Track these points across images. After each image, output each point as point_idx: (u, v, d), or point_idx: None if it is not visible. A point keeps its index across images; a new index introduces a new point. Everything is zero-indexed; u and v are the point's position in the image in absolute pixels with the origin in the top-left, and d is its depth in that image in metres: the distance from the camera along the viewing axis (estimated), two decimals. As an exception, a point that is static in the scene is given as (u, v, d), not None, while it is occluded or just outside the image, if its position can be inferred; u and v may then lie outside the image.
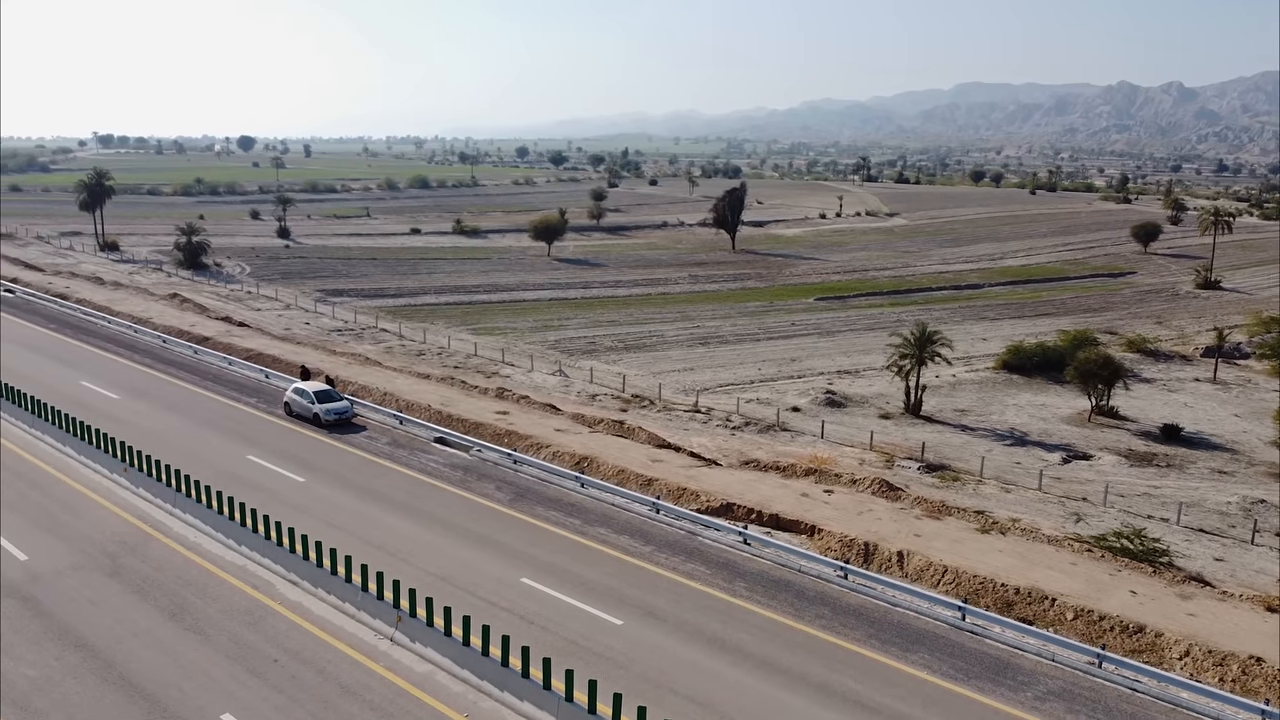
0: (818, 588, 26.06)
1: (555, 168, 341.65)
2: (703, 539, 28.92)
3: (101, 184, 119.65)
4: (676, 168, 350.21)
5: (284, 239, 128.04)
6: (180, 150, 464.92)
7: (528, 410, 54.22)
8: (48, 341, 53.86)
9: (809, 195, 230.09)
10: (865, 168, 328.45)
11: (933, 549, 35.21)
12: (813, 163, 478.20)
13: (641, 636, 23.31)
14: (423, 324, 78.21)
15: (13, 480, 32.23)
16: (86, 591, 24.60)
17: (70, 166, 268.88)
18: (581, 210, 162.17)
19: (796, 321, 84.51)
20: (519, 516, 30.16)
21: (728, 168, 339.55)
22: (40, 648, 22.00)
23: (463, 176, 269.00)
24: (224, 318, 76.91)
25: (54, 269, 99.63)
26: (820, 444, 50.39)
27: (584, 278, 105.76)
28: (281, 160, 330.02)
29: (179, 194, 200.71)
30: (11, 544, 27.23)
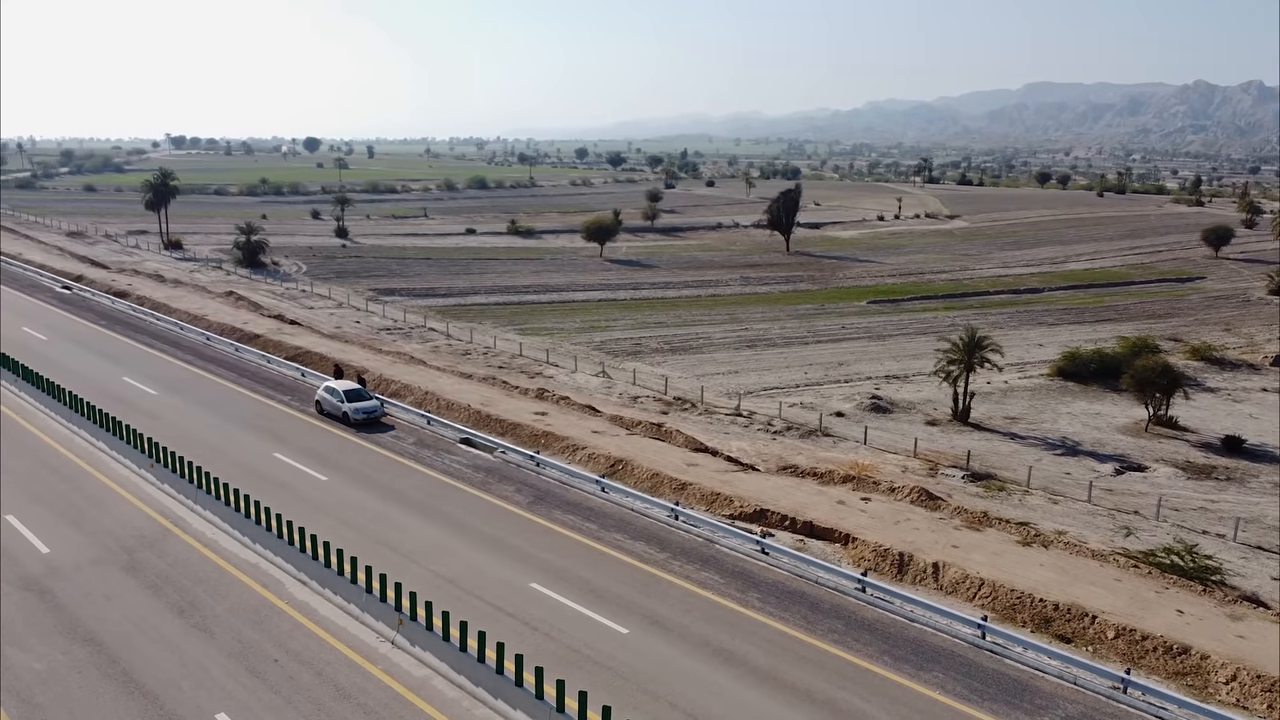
0: (833, 600, 25.25)
1: (613, 169, 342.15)
2: (720, 547, 28.28)
3: (166, 184, 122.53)
4: (735, 169, 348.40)
5: (341, 238, 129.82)
6: (248, 151, 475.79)
7: (566, 411, 53.98)
8: (97, 338, 55.05)
9: (868, 197, 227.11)
10: (927, 169, 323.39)
11: (970, 561, 34.13)
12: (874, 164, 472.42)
13: (646, 646, 22.79)
14: (471, 324, 78.49)
15: (46, 474, 32.86)
16: (101, 586, 24.88)
17: (143, 167, 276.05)
18: (637, 211, 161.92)
19: (847, 325, 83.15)
20: (535, 520, 29.81)
21: (787, 169, 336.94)
22: (50, 641, 22.27)
23: (521, 177, 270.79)
24: (276, 315, 78.02)
25: (119, 266, 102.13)
26: (862, 450, 49.34)
27: (634, 279, 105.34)
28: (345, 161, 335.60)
29: (244, 194, 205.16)
30: (36, 537, 27.69)
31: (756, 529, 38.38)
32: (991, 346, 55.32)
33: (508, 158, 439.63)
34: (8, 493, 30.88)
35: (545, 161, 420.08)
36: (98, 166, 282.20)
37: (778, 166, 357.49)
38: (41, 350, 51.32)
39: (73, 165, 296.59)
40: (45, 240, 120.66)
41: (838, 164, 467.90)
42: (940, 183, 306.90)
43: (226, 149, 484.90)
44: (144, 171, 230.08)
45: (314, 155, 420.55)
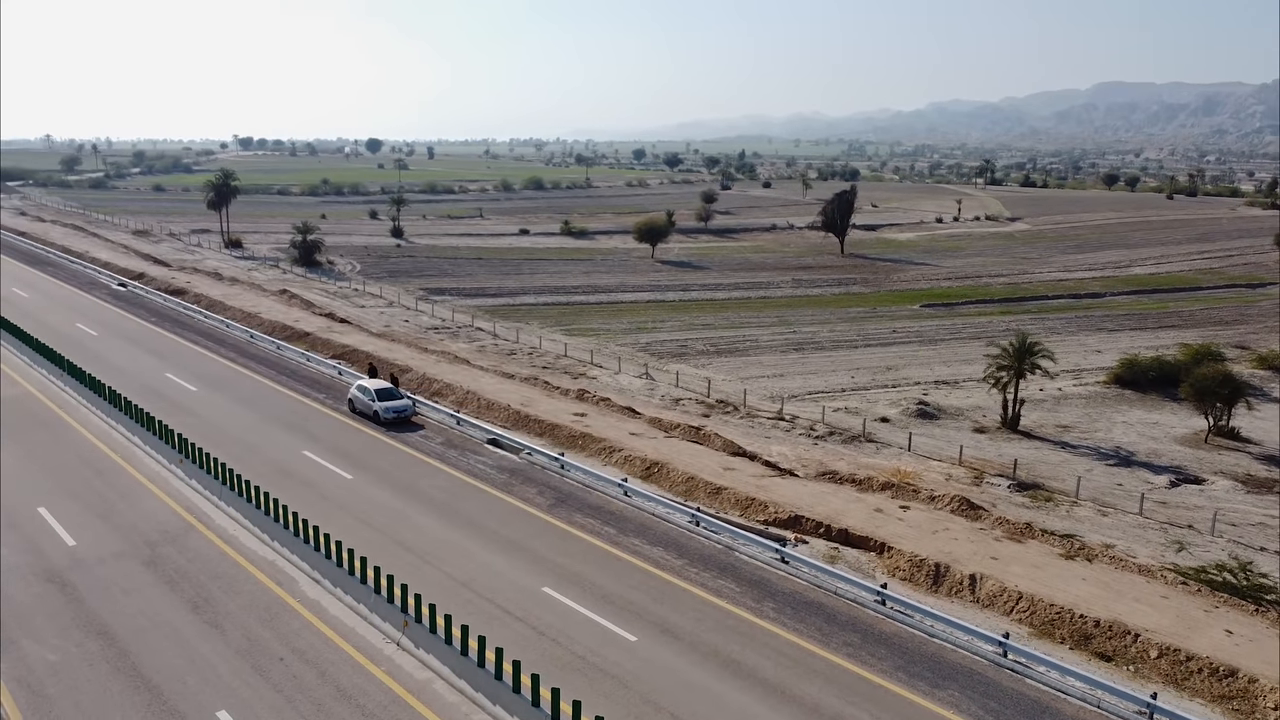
0: (851, 612, 24.50)
1: (669, 170, 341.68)
2: (740, 554, 27.69)
3: (227, 184, 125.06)
4: (793, 170, 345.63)
5: (397, 238, 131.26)
6: (312, 152, 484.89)
7: (606, 413, 53.68)
8: (146, 334, 56.18)
9: (927, 199, 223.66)
10: (989, 170, 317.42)
11: (1009, 574, 33.07)
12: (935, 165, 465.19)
13: (653, 655, 22.32)
14: (518, 324, 78.65)
15: (81, 468, 33.47)
16: (121, 580, 25.17)
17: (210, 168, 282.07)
18: (691, 212, 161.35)
19: (898, 329, 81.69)
20: (554, 523, 29.51)
21: (845, 170, 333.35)
22: (65, 634, 22.58)
23: (577, 178, 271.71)
24: (327, 314, 79.00)
25: (179, 264, 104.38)
26: (906, 457, 48.30)
27: (684, 280, 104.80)
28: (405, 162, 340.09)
29: (306, 194, 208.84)
30: (64, 529, 28.17)
31: (790, 535, 37.70)
32: (1042, 353, 53.82)
33: (565, 159, 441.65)
34: (43, 486, 31.52)
35: (603, 163, 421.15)
36: (167, 167, 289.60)
37: (836, 168, 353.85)
38: (91, 345, 52.48)
39: (144, 166, 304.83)
40: (113, 238, 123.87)
41: (898, 165, 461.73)
42: (1003, 184, 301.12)
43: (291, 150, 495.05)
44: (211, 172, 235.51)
45: (376, 156, 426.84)
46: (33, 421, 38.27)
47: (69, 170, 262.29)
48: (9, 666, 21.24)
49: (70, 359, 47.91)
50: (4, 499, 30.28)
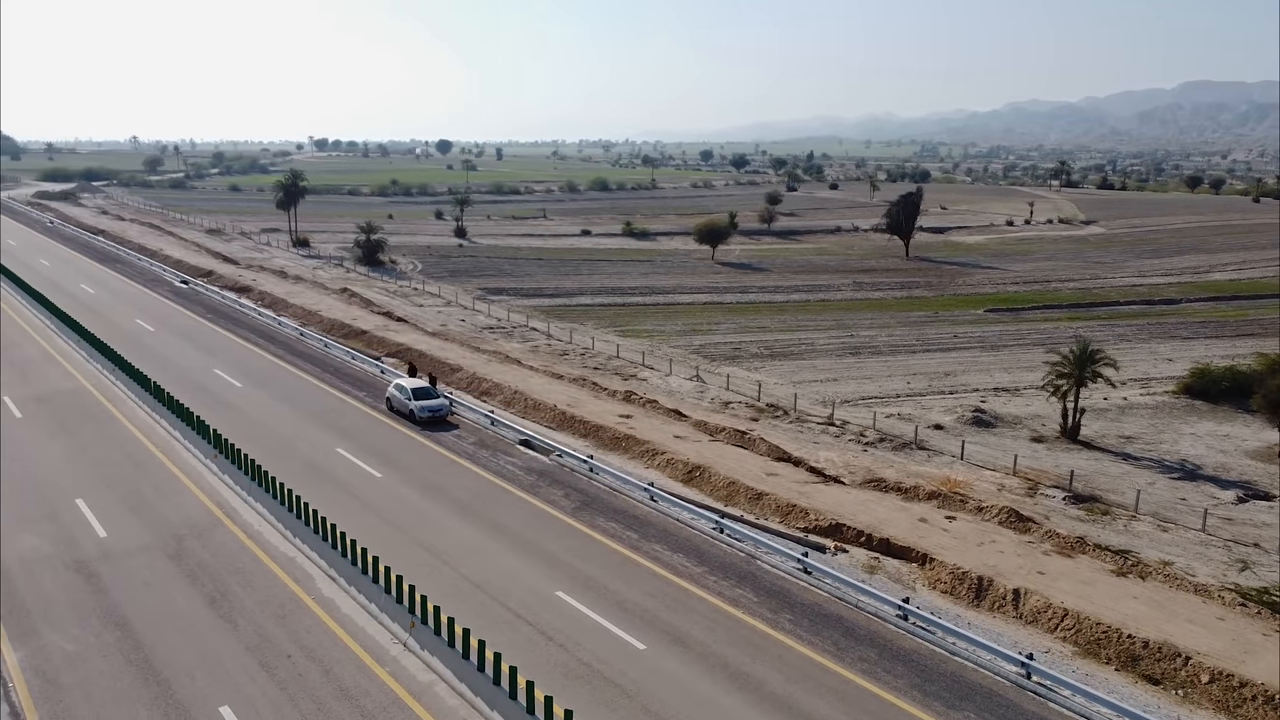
0: (870, 626, 23.63)
1: (736, 171, 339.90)
2: (762, 563, 26.99)
3: (296, 184, 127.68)
4: (862, 171, 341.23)
5: (460, 238, 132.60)
6: (384, 153, 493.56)
7: (652, 415, 53.25)
8: (200, 330, 57.39)
9: (999, 201, 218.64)
10: (1064, 172, 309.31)
11: (1055, 589, 31.83)
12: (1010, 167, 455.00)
13: (660, 664, 21.80)
14: (573, 324, 78.63)
15: (122, 460, 34.16)
16: (145, 573, 25.52)
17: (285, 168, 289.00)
18: (755, 214, 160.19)
19: (960, 334, 79.71)
20: (576, 526, 29.15)
21: (916, 172, 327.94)
22: (85, 624, 22.95)
23: (642, 179, 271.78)
24: (385, 312, 79.95)
25: (248, 262, 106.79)
26: (958, 465, 46.98)
27: (743, 282, 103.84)
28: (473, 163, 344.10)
29: (375, 194, 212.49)
30: (98, 521, 28.73)
31: (830, 543, 36.86)
32: (1105, 360, 51.92)
33: (633, 160, 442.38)
34: (83, 477, 32.27)
35: (670, 164, 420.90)
36: (245, 168, 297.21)
37: (907, 169, 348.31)
38: (147, 341, 53.77)
39: (222, 167, 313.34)
40: (187, 237, 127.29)
41: (971, 167, 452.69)
42: (1080, 187, 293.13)
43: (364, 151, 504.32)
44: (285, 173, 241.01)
45: (446, 157, 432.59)
46: (82, 415, 39.23)
47: (151, 171, 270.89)
48: (28, 655, 21.66)
49: (124, 354, 49.11)
50: (46, 490, 31.02)
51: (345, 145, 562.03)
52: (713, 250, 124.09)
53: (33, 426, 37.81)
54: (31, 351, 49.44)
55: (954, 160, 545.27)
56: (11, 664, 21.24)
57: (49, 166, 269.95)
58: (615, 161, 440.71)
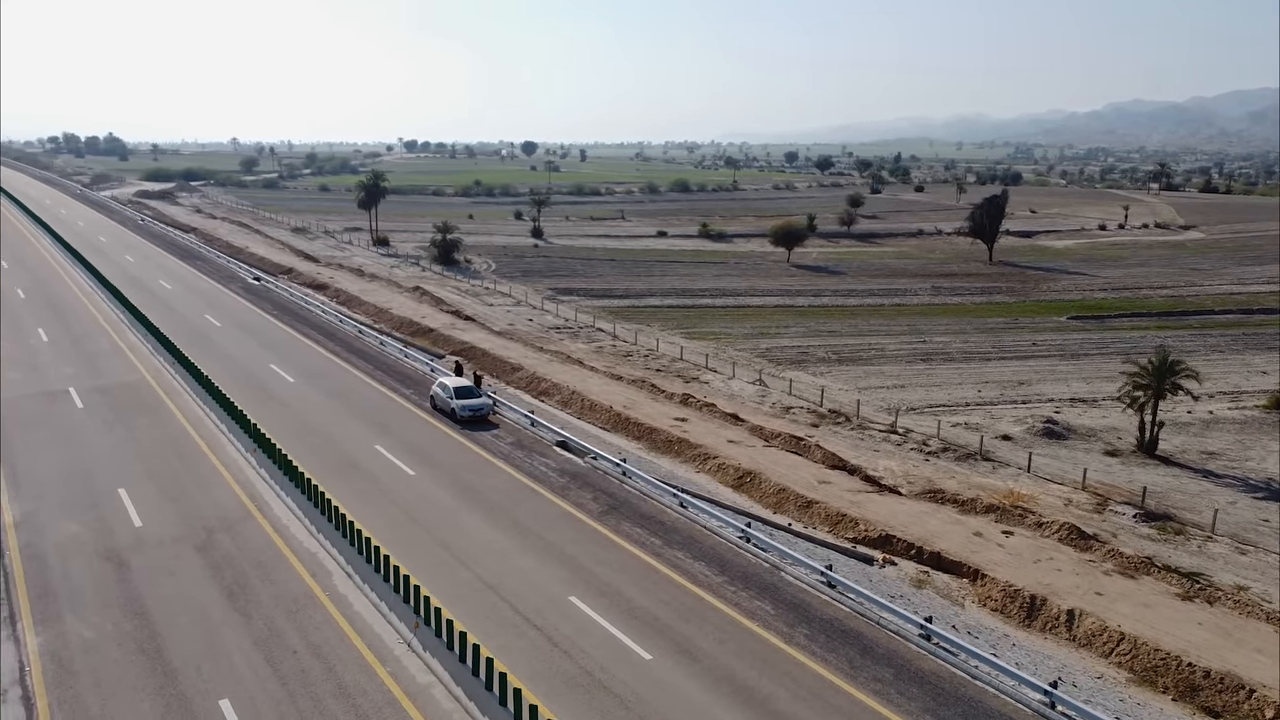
0: (889, 645, 22.49)
1: (819, 173, 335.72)
2: (785, 574, 26.03)
3: (377, 184, 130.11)
4: (950, 174, 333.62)
5: (536, 238, 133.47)
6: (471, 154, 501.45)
7: (707, 419, 52.49)
8: (264, 325, 58.59)
9: (1092, 205, 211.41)
10: (1164, 175, 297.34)
11: (1114, 612, 30.17)
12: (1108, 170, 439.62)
13: (664, 675, 21.08)
14: (640, 325, 78.21)
15: (168, 451, 34.87)
16: (171, 563, 25.87)
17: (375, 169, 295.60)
18: (835, 216, 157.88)
19: (1039, 341, 76.87)
20: (600, 530, 28.60)
21: (1007, 174, 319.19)
22: (105, 611, 23.33)
23: (723, 181, 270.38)
24: (454, 311, 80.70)
25: (328, 260, 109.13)
26: (1024, 478, 45.12)
27: (817, 285, 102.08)
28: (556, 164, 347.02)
29: (459, 195, 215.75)
30: (135, 511, 29.30)
31: (878, 555, 35.68)
32: (1186, 372, 49.31)
33: (716, 162, 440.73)
34: (128, 467, 33.04)
35: (754, 165, 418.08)
36: (336, 168, 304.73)
37: (998, 172, 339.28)
38: (213, 336, 55.11)
39: (314, 167, 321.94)
40: (273, 235, 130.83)
41: (1066, 169, 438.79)
42: (1181, 190, 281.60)
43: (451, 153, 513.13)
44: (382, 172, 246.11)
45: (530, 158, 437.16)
46: (138, 407, 40.27)
47: (247, 171, 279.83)
48: (48, 640, 22.10)
49: (189, 348, 50.50)
50: (93, 479, 31.82)
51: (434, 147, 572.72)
52: (788, 253, 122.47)
53: (91, 417, 38.95)
54: (104, 344, 51.07)
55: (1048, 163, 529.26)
56: (31, 649, 21.70)
57: (152, 167, 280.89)
58: (699, 163, 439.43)
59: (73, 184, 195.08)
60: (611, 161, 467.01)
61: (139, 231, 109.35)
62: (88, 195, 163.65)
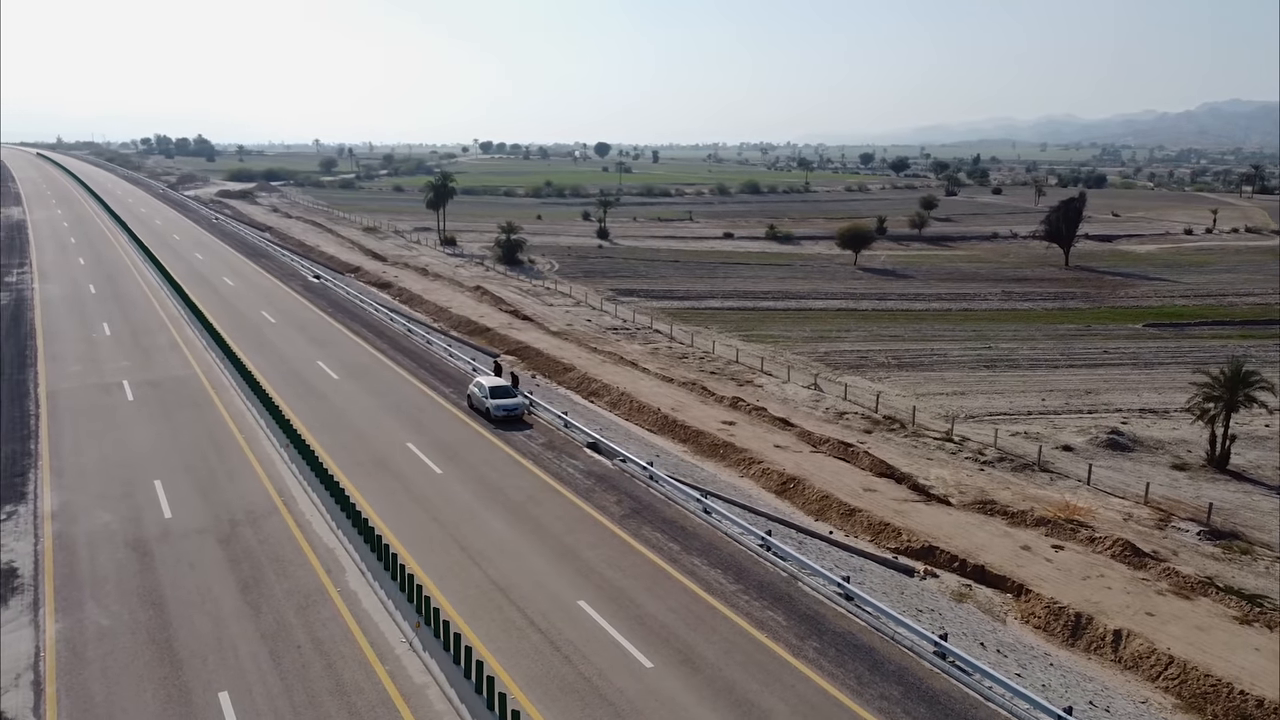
0: (902, 661, 21.51)
1: (895, 175, 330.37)
2: (803, 584, 25.19)
3: (445, 185, 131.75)
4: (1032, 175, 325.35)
5: (601, 239, 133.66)
6: (544, 155, 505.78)
7: (755, 423, 51.69)
8: (317, 323, 59.49)
9: (1179, 208, 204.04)
10: (1259, 178, 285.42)
11: (1164, 634, 28.69)
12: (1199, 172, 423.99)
13: (662, 684, 20.49)
14: (698, 327, 77.60)
15: (206, 445, 35.43)
16: (192, 555, 26.17)
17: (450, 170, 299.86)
18: (906, 218, 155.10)
19: (1111, 349, 74.16)
20: (620, 534, 28.10)
21: (1091, 176, 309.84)
22: (124, 600, 23.66)
23: (795, 183, 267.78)
24: (512, 311, 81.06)
25: (395, 259, 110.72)
26: (1082, 491, 43.42)
27: (883, 289, 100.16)
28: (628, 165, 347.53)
29: (529, 195, 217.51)
30: (167, 502, 29.79)
31: (920, 566, 34.62)
32: (1260, 384, 46.97)
33: (790, 164, 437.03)
34: (167, 459, 33.66)
35: (829, 167, 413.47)
36: (412, 169, 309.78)
37: (1082, 174, 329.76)
38: (266, 332, 56.14)
39: (391, 168, 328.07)
40: (344, 234, 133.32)
41: (1154, 172, 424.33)
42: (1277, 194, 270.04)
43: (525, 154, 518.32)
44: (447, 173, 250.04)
45: (603, 159, 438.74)
46: (185, 400, 41.10)
47: (325, 172, 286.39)
48: (66, 627, 22.51)
49: (242, 343, 51.64)
50: (132, 470, 32.49)
51: (509, 148, 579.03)
52: (855, 255, 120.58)
53: (139, 409, 39.86)
54: (162, 339, 52.39)
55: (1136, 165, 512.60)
56: (50, 635, 22.12)
57: (236, 167, 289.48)
58: (772, 165, 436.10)
59: (156, 184, 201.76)
60: (684, 163, 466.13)
61: (211, 230, 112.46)
62: (168, 195, 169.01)
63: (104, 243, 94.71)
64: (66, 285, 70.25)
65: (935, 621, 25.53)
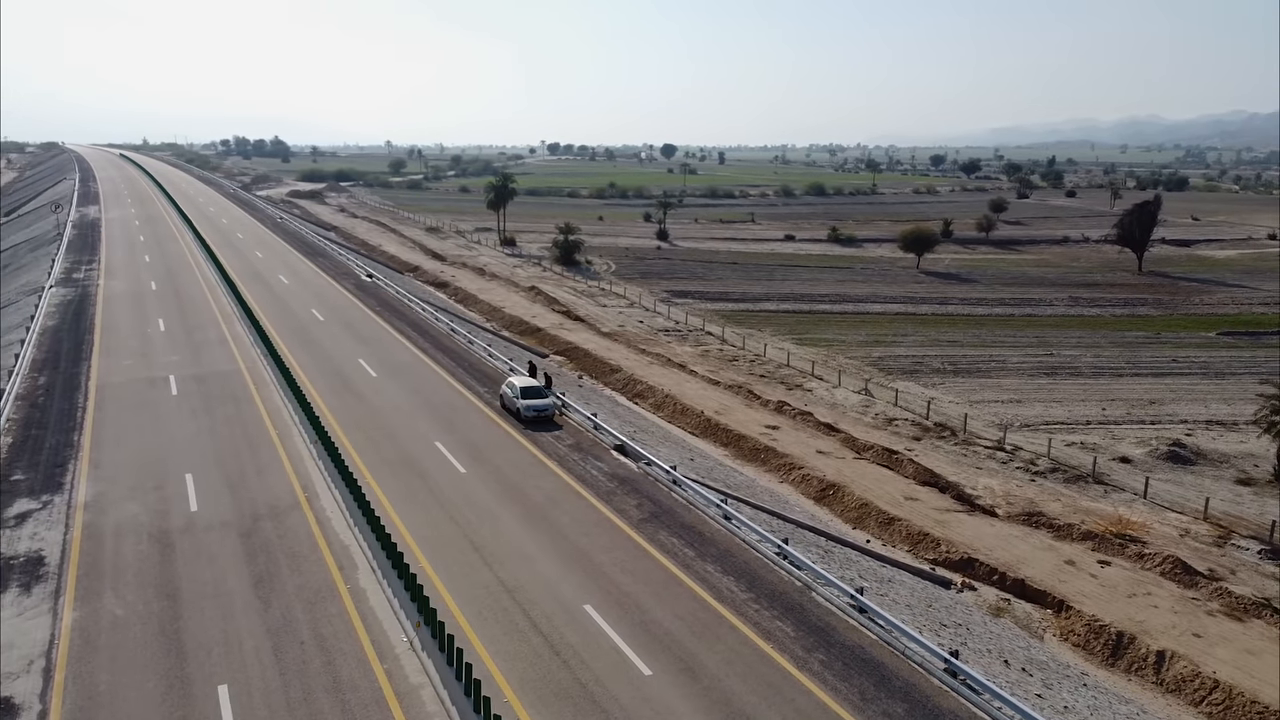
0: (910, 678, 20.61)
1: (965, 177, 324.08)
2: (816, 594, 24.39)
3: (505, 185, 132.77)
4: (1109, 178, 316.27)
5: (661, 240, 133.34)
6: (610, 157, 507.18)
7: (800, 428, 50.87)
8: (364, 321, 60.14)
9: (1265, 212, 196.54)
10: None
11: (1211, 656, 27.35)
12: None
13: (659, 694, 19.95)
14: (752, 330, 76.80)
15: (240, 441, 35.87)
16: (212, 548, 26.42)
17: (517, 171, 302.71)
18: (974, 222, 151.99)
19: (1180, 358, 71.43)
20: (635, 538, 27.62)
21: (1172, 179, 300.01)
22: (141, 592, 23.95)
23: (862, 184, 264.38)
24: (565, 311, 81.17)
25: (454, 259, 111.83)
26: (1137, 504, 41.81)
27: (944, 293, 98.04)
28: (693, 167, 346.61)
29: (593, 196, 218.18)
30: (195, 496, 30.19)
31: (957, 578, 33.62)
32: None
33: (857, 165, 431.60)
34: (201, 453, 34.16)
35: (898, 169, 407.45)
36: (479, 170, 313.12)
37: (1162, 176, 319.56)
38: (313, 329, 56.96)
39: (458, 169, 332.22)
40: (406, 234, 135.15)
41: (1241, 174, 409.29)
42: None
43: (591, 155, 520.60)
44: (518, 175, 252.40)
45: (669, 161, 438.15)
46: (226, 395, 41.77)
47: (394, 173, 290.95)
48: (82, 616, 22.88)
49: (286, 340, 52.56)
50: (166, 463, 33.03)
51: (576, 150, 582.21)
52: (918, 259, 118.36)
53: (181, 403, 40.62)
54: (212, 335, 53.45)
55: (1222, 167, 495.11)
56: (66, 623, 22.50)
57: (309, 168, 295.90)
58: (839, 167, 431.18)
59: (228, 184, 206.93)
60: (751, 165, 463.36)
61: (275, 229, 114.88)
62: (237, 195, 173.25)
63: (170, 241, 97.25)
64: (130, 281, 72.19)
65: (959, 636, 24.60)
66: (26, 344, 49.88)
